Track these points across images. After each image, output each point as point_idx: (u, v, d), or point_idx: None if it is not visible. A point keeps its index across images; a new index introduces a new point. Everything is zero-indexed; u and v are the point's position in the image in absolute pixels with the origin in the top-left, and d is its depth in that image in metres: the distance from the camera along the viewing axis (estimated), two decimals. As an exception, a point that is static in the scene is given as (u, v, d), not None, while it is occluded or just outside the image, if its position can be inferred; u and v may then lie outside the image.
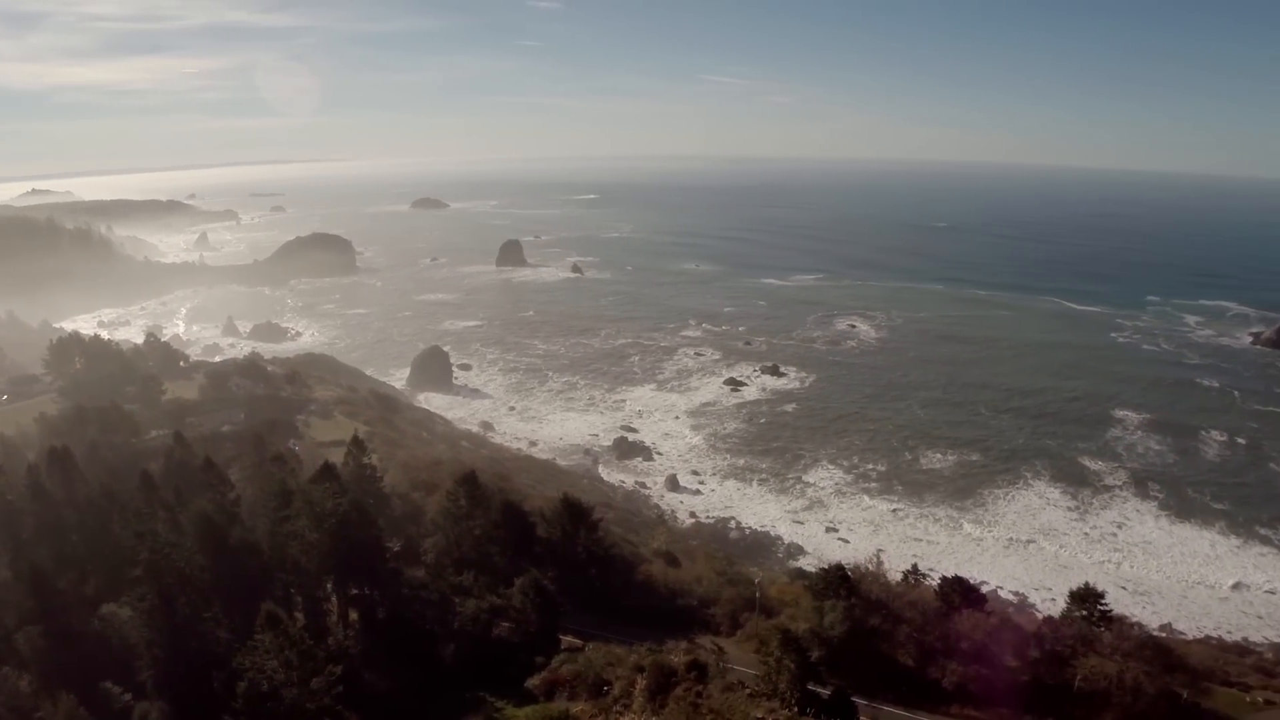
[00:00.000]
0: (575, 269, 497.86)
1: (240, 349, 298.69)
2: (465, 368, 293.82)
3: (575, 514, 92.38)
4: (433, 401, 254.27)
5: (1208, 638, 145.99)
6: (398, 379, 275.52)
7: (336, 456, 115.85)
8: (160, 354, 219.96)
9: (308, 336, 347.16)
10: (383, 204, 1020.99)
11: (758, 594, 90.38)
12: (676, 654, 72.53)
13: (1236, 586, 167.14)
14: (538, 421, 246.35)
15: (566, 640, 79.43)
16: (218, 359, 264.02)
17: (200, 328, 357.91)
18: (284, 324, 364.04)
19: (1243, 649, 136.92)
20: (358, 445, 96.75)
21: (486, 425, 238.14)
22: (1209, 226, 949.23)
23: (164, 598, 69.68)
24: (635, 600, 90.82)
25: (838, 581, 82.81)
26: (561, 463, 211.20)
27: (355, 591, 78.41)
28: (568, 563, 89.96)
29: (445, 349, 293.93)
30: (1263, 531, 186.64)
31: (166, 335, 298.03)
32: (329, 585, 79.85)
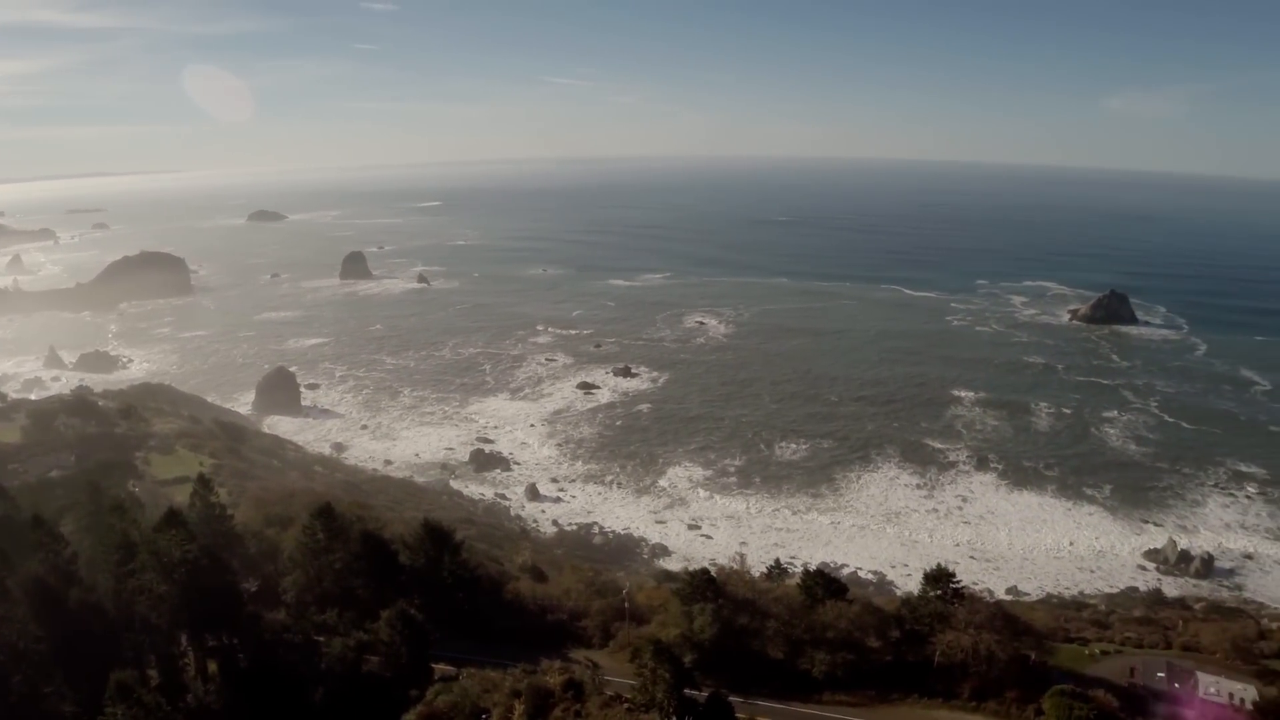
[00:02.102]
0: (421, 279, 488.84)
1: (66, 382, 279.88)
2: (313, 387, 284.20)
3: (438, 538, 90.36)
4: (281, 426, 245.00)
5: (1049, 596, 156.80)
6: (243, 404, 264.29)
7: (181, 495, 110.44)
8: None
9: (142, 365, 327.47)
10: (217, 218, 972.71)
11: (627, 603, 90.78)
12: (552, 674, 72.19)
13: (1071, 544, 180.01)
14: (391, 439, 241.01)
15: (440, 669, 77.73)
16: (40, 395, 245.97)
17: (17, 361, 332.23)
18: (114, 352, 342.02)
19: (1079, 604, 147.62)
20: (204, 484, 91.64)
21: (339, 446, 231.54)
22: (1029, 213, 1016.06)
23: (-6, 678, 64.28)
24: (506, 621, 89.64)
25: (704, 585, 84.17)
26: (419, 480, 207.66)
27: (213, 642, 74.33)
28: (434, 589, 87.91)
29: (291, 369, 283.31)
30: (1089, 492, 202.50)
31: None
32: (184, 639, 75.53)
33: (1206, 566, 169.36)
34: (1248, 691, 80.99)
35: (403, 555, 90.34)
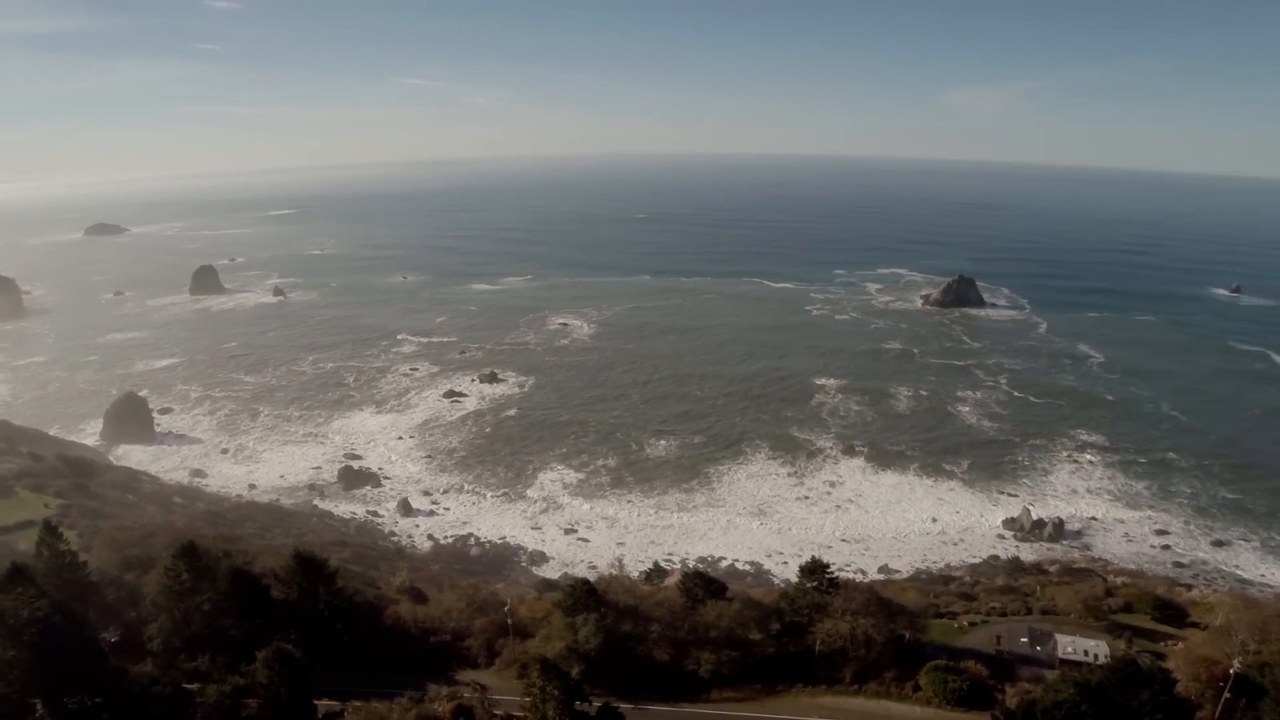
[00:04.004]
0: (277, 292, 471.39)
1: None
2: (167, 412, 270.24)
3: (310, 569, 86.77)
4: (134, 456, 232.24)
5: (919, 572, 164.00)
6: (89, 435, 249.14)
7: (26, 542, 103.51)
8: None
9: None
10: (49, 233, 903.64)
11: (510, 619, 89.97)
12: (440, 702, 70.76)
13: (934, 520, 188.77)
14: (255, 461, 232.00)
15: (323, 705, 74.85)
16: None
17: None
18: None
19: (947, 577, 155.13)
20: (50, 530, 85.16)
21: (198, 473, 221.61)
22: (880, 203, 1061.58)
23: None
24: (388, 648, 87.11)
25: (585, 595, 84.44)
26: (286, 503, 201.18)
27: (73, 705, 68.94)
28: (310, 622, 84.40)
29: (141, 394, 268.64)
30: (948, 468, 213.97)
31: None
32: (39, 706, 70.02)
33: (1058, 530, 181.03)
34: (1100, 648, 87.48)
35: (275, 589, 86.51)
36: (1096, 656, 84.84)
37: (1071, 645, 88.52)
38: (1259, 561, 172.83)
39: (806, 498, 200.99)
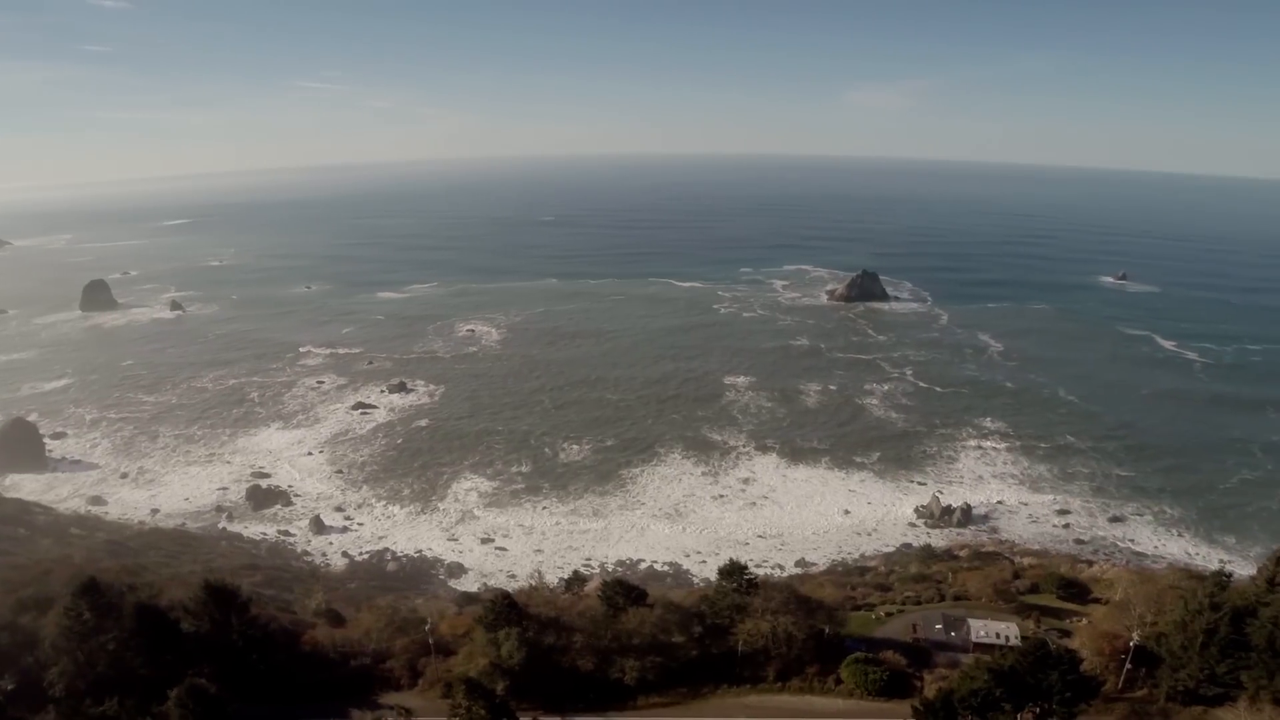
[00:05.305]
0: (174, 306, 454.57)
1: None
2: (59, 437, 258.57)
3: (221, 599, 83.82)
4: (25, 486, 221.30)
5: (835, 564, 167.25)
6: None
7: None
8: None
9: None
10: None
11: (431, 638, 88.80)
12: (364, 731, 69.64)
13: (848, 512, 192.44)
14: (157, 485, 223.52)
15: (240, 740, 73.14)
16: None
17: None
18: None
19: (862, 568, 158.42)
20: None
21: (97, 500, 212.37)
22: (783, 200, 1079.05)
23: None
24: (307, 675, 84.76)
25: (506, 609, 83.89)
26: (192, 527, 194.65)
27: (-32, 766, 65.95)
28: (224, 654, 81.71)
29: (30, 418, 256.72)
30: (859, 459, 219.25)
31: None
32: (-70, 763, 66.48)
33: (966, 515, 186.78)
34: (1011, 629, 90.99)
35: (185, 622, 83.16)
36: (1008, 638, 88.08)
37: (984, 629, 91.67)
38: (1152, 534, 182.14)
39: (722, 496, 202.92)
